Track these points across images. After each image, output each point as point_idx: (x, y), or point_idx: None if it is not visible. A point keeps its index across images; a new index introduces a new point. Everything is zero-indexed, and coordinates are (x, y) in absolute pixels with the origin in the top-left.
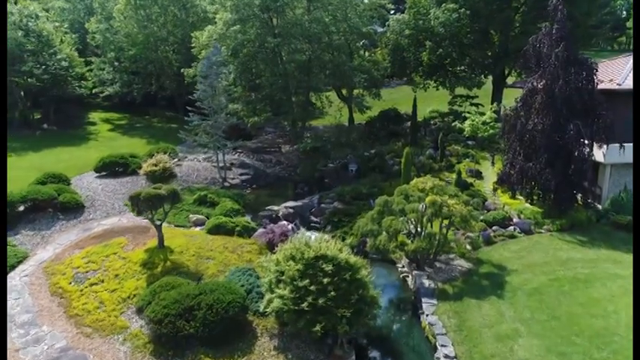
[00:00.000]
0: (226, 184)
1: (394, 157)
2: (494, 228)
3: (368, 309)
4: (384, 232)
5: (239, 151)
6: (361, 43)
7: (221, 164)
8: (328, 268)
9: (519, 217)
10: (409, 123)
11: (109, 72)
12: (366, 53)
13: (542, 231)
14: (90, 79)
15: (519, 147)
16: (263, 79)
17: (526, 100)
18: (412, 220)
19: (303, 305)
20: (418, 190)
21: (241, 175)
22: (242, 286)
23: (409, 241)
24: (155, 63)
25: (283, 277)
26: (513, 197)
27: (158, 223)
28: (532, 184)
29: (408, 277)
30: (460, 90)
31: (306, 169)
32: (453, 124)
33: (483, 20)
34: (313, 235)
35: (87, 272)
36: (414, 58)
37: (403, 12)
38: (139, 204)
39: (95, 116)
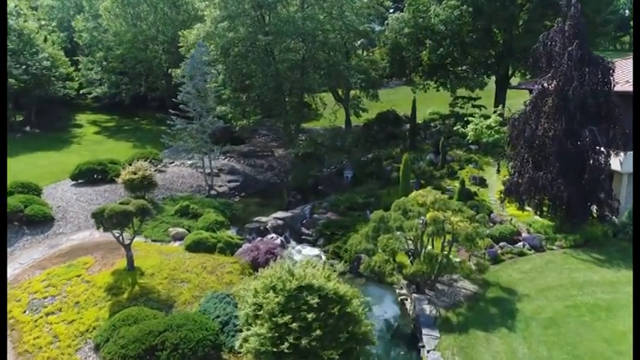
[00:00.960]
0: (213, 192)
1: (392, 162)
2: (501, 244)
3: (360, 348)
4: (379, 252)
5: (229, 155)
6: (359, 42)
7: (208, 171)
8: (314, 300)
9: (528, 232)
10: (408, 125)
11: (97, 72)
12: (364, 53)
13: (554, 247)
14: (77, 79)
15: (528, 154)
16: (253, 79)
17: (536, 104)
18: (411, 238)
19: (284, 347)
20: (418, 204)
21: (230, 182)
22: (217, 317)
23: (408, 262)
24: (144, 63)
25: (261, 312)
26: (522, 209)
27: (127, 242)
28: (542, 195)
29: (406, 300)
30: (462, 91)
31: (298, 176)
32: (455, 128)
33: (486, 18)
34: (304, 250)
35: (45, 298)
36: (414, 57)
37: (402, 10)
38: (103, 222)
39: (82, 118)
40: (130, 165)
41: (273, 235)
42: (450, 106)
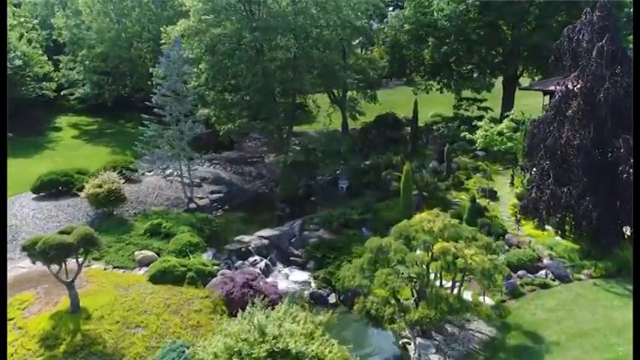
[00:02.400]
0: (192, 205)
1: (392, 170)
2: (520, 273)
3: None
4: (377, 289)
5: (214, 162)
6: (356, 41)
7: (187, 180)
8: None
9: (550, 257)
10: (409, 129)
11: (80, 72)
12: (362, 51)
13: (582, 277)
14: (56, 79)
15: (549, 167)
16: (239, 79)
17: (559, 108)
18: (415, 276)
19: None
20: (423, 231)
21: (212, 193)
22: None
23: (411, 303)
24: (128, 62)
25: None
26: (542, 229)
27: (69, 279)
28: (564, 213)
29: (409, 344)
30: (466, 93)
31: (287, 187)
32: (463, 134)
33: (494, 12)
34: (291, 274)
35: None
36: (415, 56)
37: (402, 8)
38: (36, 256)
39: (63, 121)
40: (98, 176)
41: (257, 257)
42: (454, 108)
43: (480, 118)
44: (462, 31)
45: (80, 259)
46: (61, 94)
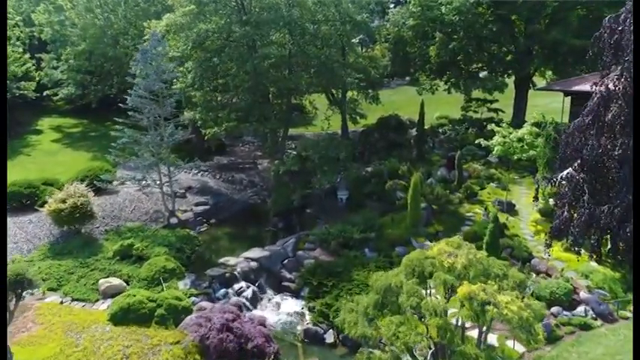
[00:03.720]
0: (173, 220)
1: (396, 177)
2: (554, 310)
3: None
4: (385, 337)
5: (202, 169)
6: (357, 39)
7: (168, 191)
8: None
9: (588, 289)
10: (413, 131)
11: (64, 71)
12: (362, 49)
13: (629, 313)
14: (39, 78)
15: (585, 181)
16: (229, 78)
17: (597, 112)
18: (433, 327)
19: None
20: (441, 265)
21: (197, 205)
22: None
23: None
24: (114, 60)
25: None
26: (578, 253)
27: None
28: (600, 234)
29: None
30: (476, 93)
31: (280, 199)
32: (477, 140)
33: (507, 6)
34: (283, 303)
35: None
36: (420, 53)
37: (404, 3)
38: None
39: (45, 123)
40: (64, 188)
41: (243, 284)
42: (463, 110)
43: (490, 120)
44: (471, 26)
45: (13, 302)
46: (44, 94)
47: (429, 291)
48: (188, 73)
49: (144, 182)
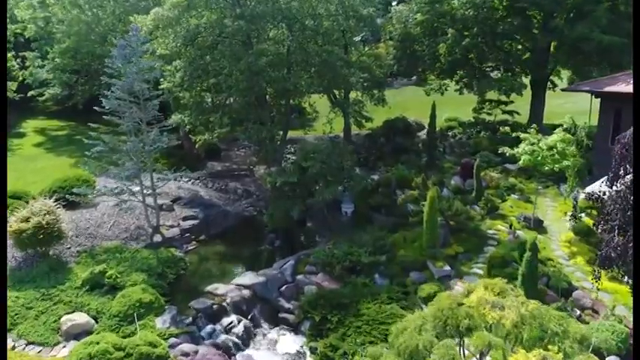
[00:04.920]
0: (157, 238)
1: (406, 186)
2: None
3: None
4: None
5: (193, 177)
6: (359, 36)
7: (152, 203)
8: None
9: None
10: (421, 135)
11: (49, 70)
12: (365, 47)
13: None
14: (22, 78)
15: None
16: (221, 78)
17: None
18: None
19: None
20: (482, 319)
21: (186, 219)
22: None
23: None
24: (102, 59)
25: None
26: (628, 283)
27: None
28: None
29: None
30: (490, 94)
31: (277, 214)
32: (501, 149)
33: None
34: (281, 339)
35: None
36: (429, 51)
37: (409, 1)
38: None
39: (30, 125)
40: (33, 203)
41: (233, 318)
42: (474, 112)
43: (504, 123)
44: (485, 21)
45: None
46: (29, 95)
47: (463, 350)
48: (176, 72)
49: (123, 196)
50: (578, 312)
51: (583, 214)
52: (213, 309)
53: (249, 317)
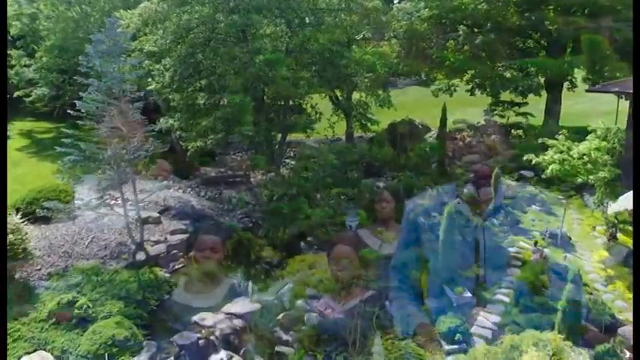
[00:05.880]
0: (140, 255)
1: (414, 195)
2: None
3: None
4: None
5: (185, 184)
6: (362, 34)
7: (135, 215)
8: None
9: None
10: (429, 138)
11: (36, 70)
12: (368, 46)
13: None
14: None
15: None
16: (213, 78)
17: None
18: None
19: None
20: None
21: (174, 233)
22: None
23: None
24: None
25: None
26: None
27: None
28: None
29: None
30: (505, 95)
31: (275, 229)
32: (527, 157)
33: None
34: None
35: None
36: (438, 48)
37: None
38: None
39: (17, 127)
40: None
41: (223, 355)
42: (486, 114)
43: (517, 125)
44: (497, 16)
45: None
46: (14, 95)
47: None
48: (166, 71)
49: (102, 210)
50: (628, 354)
51: (615, 229)
52: (199, 345)
53: (241, 352)
